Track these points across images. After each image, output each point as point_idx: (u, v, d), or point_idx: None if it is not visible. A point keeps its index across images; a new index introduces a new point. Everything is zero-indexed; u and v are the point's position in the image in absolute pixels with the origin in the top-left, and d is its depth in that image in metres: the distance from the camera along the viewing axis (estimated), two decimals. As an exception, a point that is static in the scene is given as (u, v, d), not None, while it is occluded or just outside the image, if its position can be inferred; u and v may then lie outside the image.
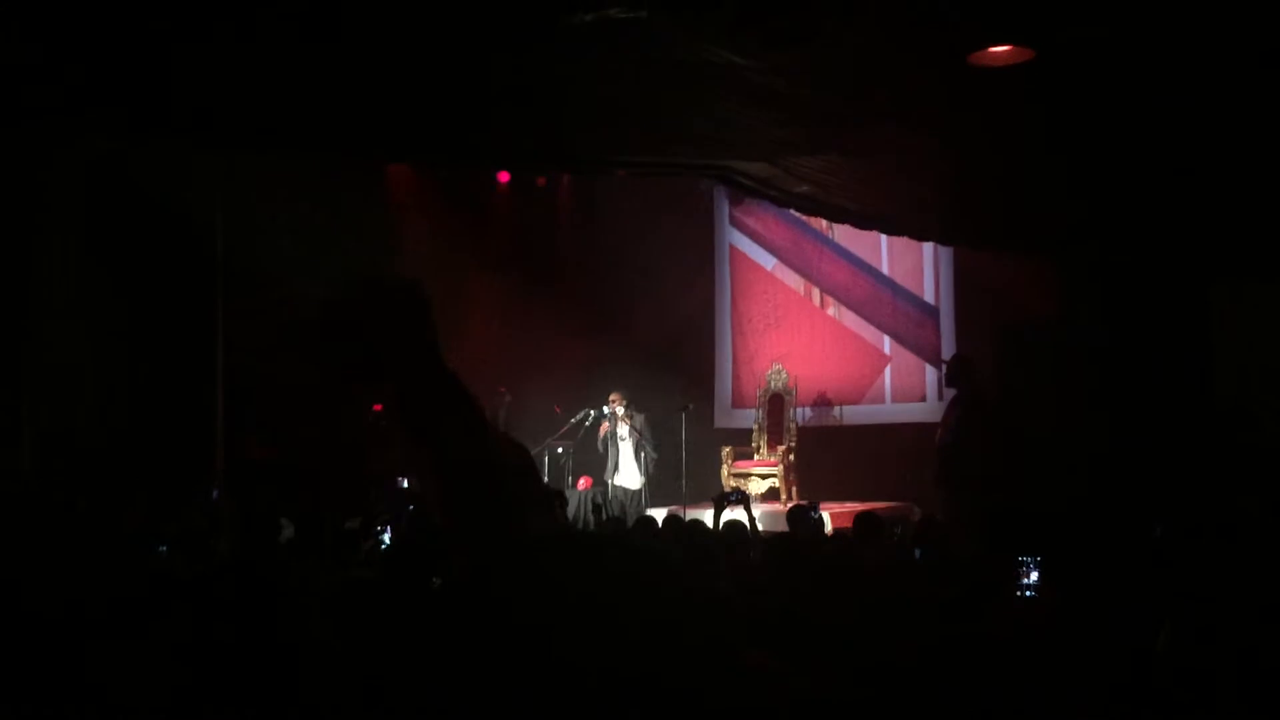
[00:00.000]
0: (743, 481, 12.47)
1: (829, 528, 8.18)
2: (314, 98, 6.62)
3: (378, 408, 13.26)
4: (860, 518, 6.92)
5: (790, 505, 10.05)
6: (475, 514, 2.02)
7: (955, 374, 10.32)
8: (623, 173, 10.07)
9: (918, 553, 6.39)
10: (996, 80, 5.94)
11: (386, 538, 6.72)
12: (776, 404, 12.88)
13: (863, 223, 9.92)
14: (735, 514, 7.38)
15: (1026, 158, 7.37)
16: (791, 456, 12.33)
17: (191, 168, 9.88)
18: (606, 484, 11.86)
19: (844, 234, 13.02)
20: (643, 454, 11.80)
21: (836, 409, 13.02)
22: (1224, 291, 9.10)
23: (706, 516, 7.76)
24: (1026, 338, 10.80)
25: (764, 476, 12.42)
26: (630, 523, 8.70)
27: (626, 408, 11.93)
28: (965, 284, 12.12)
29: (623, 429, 11.93)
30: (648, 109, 6.71)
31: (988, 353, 11.29)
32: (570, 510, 10.92)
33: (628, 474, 11.91)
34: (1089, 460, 9.27)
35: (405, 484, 10.15)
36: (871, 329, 12.97)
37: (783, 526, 7.84)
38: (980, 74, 5.85)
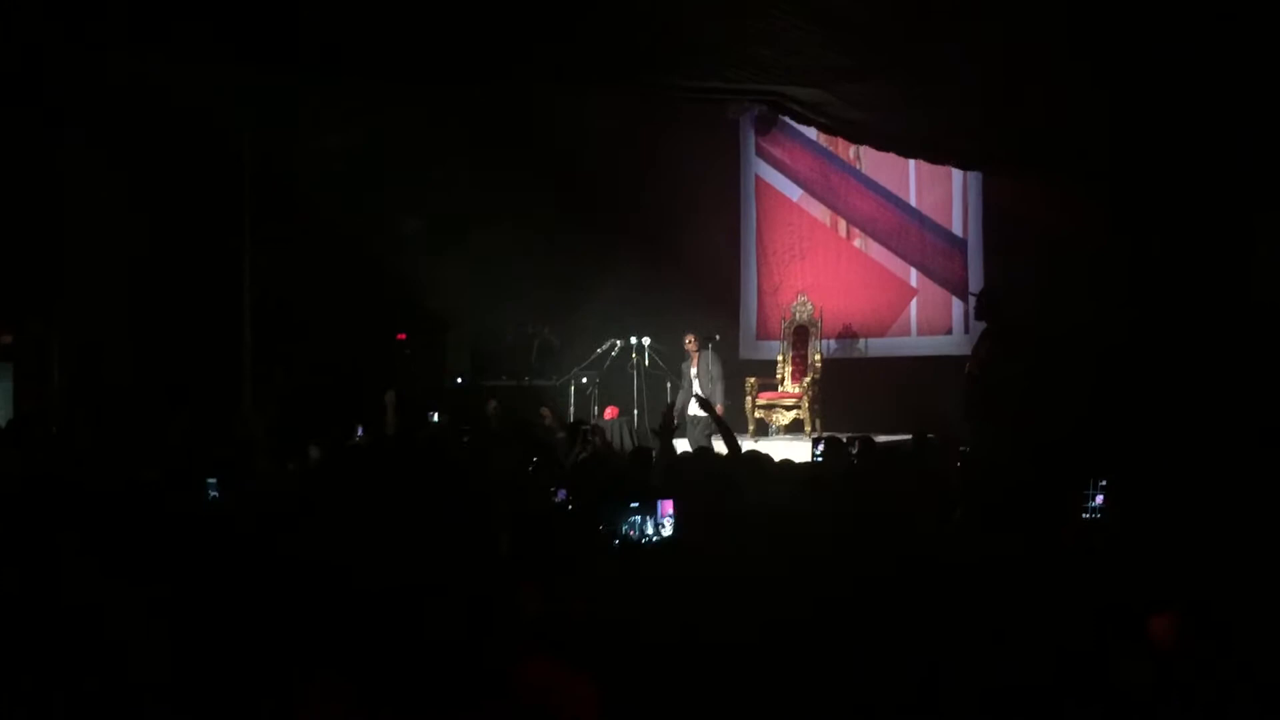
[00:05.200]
0: (767, 413, 12.50)
1: None
2: (353, 18, 6.55)
3: (401, 336, 13.34)
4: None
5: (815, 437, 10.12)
6: None
7: (985, 306, 10.25)
8: (669, 94, 9.94)
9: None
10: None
11: None
12: (801, 336, 12.86)
13: (912, 150, 9.84)
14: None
15: (1080, 83, 7.27)
16: (816, 389, 12.34)
17: (224, 93, 9.79)
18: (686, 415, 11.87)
19: (871, 165, 12.90)
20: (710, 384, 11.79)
21: (861, 342, 12.99)
22: (1268, 223, 8.95)
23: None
24: (1051, 270, 10.69)
25: (788, 408, 12.44)
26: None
27: (700, 347, 11.89)
28: (994, 216, 11.98)
29: (692, 369, 11.89)
30: (703, 30, 6.65)
31: (1016, 285, 11.22)
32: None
33: (696, 405, 11.90)
34: (1118, 390, 9.23)
35: (435, 418, 10.18)
36: (898, 261, 12.87)
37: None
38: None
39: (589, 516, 4.38)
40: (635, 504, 4.03)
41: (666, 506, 4.04)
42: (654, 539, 3.96)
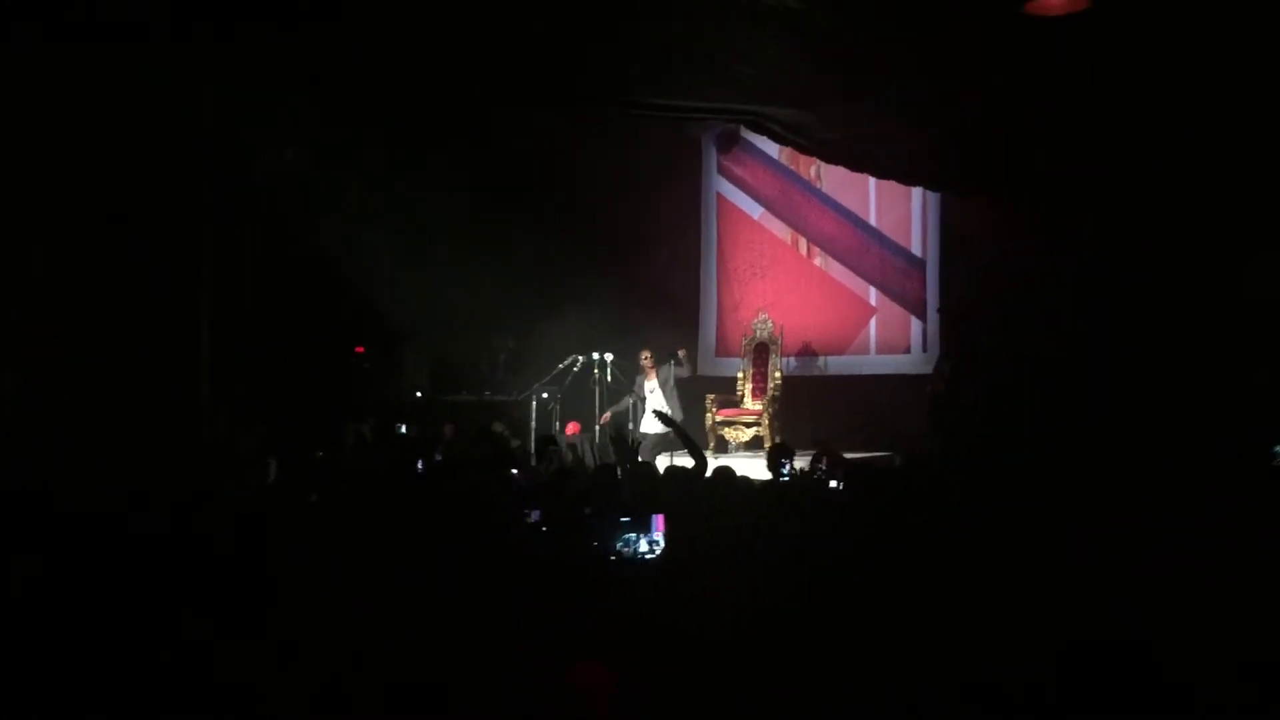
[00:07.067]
0: (727, 430, 12.50)
1: None
2: (329, 25, 6.47)
3: (359, 350, 13.20)
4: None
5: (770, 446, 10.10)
6: None
7: (949, 326, 10.35)
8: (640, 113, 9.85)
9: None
10: (1040, 31, 5.92)
11: None
12: (761, 353, 12.88)
13: (886, 171, 9.89)
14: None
15: (1060, 110, 7.38)
16: (776, 406, 12.36)
17: (185, 98, 9.63)
18: (637, 431, 11.68)
19: (832, 184, 12.99)
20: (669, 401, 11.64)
21: (821, 359, 13.04)
22: (1227, 242, 9.12)
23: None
24: (1013, 290, 10.80)
25: (748, 425, 12.45)
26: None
27: (657, 364, 11.67)
28: (952, 237, 12.11)
29: (649, 384, 11.77)
30: (684, 50, 6.63)
31: (974, 305, 11.34)
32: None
33: (649, 421, 11.75)
34: (1079, 409, 9.34)
35: (404, 429, 10.06)
36: (858, 280, 12.96)
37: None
38: (1024, 25, 5.82)
39: (574, 534, 4.31)
40: (626, 519, 3.96)
41: (660, 522, 3.97)
42: (648, 555, 3.90)
